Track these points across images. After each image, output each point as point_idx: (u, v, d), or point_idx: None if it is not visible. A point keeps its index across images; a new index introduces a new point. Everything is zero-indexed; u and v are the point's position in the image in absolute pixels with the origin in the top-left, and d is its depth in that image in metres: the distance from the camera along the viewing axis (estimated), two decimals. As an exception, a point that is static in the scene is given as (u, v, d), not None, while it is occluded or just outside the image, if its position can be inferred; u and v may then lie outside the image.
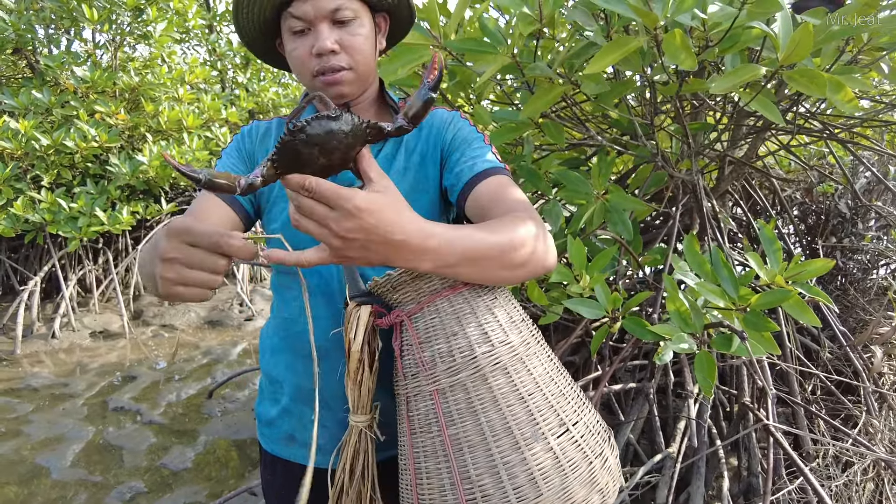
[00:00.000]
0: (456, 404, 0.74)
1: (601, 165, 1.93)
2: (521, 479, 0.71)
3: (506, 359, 0.76)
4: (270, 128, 1.00)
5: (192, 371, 3.71)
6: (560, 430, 0.76)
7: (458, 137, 0.96)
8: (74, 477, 2.50)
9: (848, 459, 2.01)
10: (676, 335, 1.53)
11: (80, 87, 4.57)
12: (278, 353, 1.00)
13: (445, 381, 0.75)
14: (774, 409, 1.91)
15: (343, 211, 0.57)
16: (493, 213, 0.84)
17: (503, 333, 0.78)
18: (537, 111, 1.57)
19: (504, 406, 0.74)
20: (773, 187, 2.90)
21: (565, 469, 0.73)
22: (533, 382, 0.77)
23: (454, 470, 0.74)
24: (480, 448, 0.73)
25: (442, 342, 0.76)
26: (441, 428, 0.75)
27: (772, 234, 1.66)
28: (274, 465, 1.03)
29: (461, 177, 0.91)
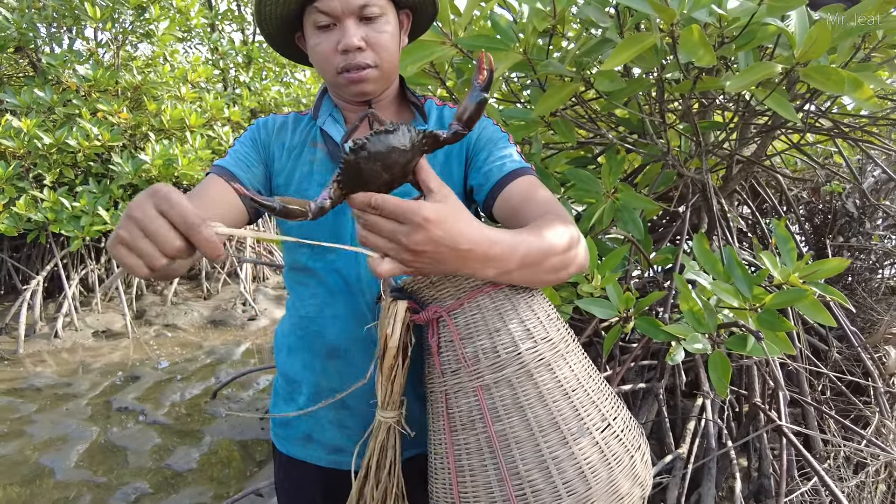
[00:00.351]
0: (502, 400, 0.74)
1: (611, 164, 1.92)
2: (571, 474, 0.72)
3: (548, 355, 0.76)
4: (287, 122, 0.99)
5: (196, 371, 3.70)
6: (602, 424, 0.76)
7: (484, 137, 0.95)
8: (79, 478, 2.49)
9: (859, 461, 1.99)
10: (690, 335, 1.52)
11: (82, 85, 4.56)
12: (295, 353, 0.99)
13: (490, 378, 0.74)
14: (786, 410, 1.89)
15: (412, 224, 0.57)
16: (524, 213, 0.84)
17: (544, 330, 0.78)
18: (550, 109, 1.55)
19: (550, 402, 0.74)
20: (780, 186, 2.88)
21: (611, 463, 0.74)
22: (574, 378, 0.77)
23: (502, 466, 0.73)
24: (528, 444, 0.73)
25: (485, 338, 0.75)
26: (487, 424, 0.74)
27: (785, 232, 1.65)
28: (289, 466, 1.01)
29: (490, 177, 0.90)
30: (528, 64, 1.60)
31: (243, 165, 0.93)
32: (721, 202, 2.28)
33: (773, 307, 1.48)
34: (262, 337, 4.40)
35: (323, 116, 0.96)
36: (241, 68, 6.22)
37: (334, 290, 0.93)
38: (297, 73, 6.77)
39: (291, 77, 6.72)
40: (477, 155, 0.94)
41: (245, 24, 7.14)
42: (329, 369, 0.94)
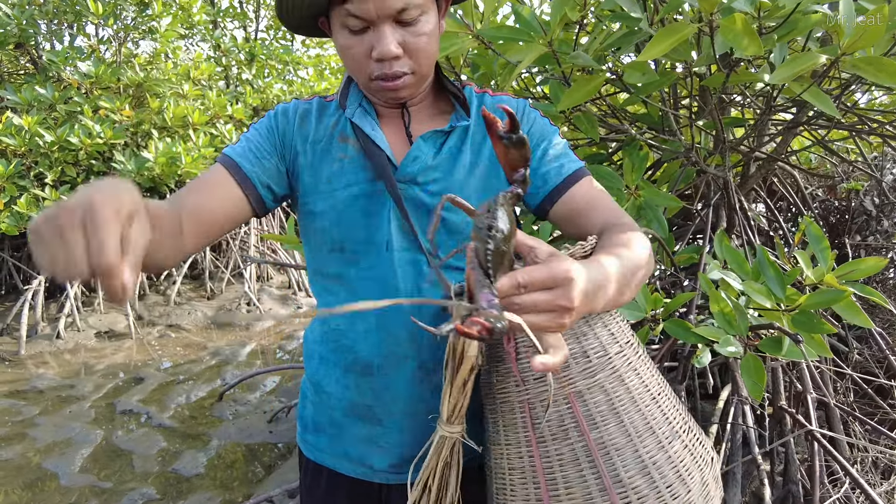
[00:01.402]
0: (597, 406, 0.71)
1: (633, 160, 1.86)
2: (671, 477, 0.70)
3: (634, 359, 0.74)
4: (310, 110, 0.91)
5: (201, 372, 3.64)
6: (686, 426, 0.76)
7: (535, 133, 0.89)
8: (83, 483, 2.43)
9: (886, 466, 1.94)
10: (723, 338, 1.46)
11: (83, 82, 4.50)
12: (327, 365, 0.93)
13: (583, 384, 0.71)
14: (815, 414, 1.84)
15: (567, 283, 0.54)
16: (593, 219, 0.81)
17: (624, 335, 0.76)
18: (576, 102, 1.50)
19: (642, 406, 0.72)
20: (798, 185, 2.83)
21: (700, 464, 0.74)
22: (656, 382, 0.76)
23: (604, 475, 0.70)
24: (628, 450, 0.70)
25: (573, 342, 0.72)
26: (583, 432, 0.70)
27: (819, 231, 1.59)
28: (316, 472, 0.96)
29: (548, 179, 0.86)
30: (552, 57, 1.55)
31: (252, 157, 0.86)
32: (741, 200, 2.23)
33: (809, 308, 1.43)
34: (268, 338, 4.35)
35: (352, 107, 0.88)
36: (243, 66, 6.16)
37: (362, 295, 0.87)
38: (301, 70, 6.72)
39: (294, 75, 6.66)
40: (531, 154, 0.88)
41: (247, 21, 7.08)
42: (363, 386, 0.89)
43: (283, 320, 4.74)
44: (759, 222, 2.46)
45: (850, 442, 1.97)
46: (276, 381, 3.44)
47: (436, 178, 0.86)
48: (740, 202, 2.21)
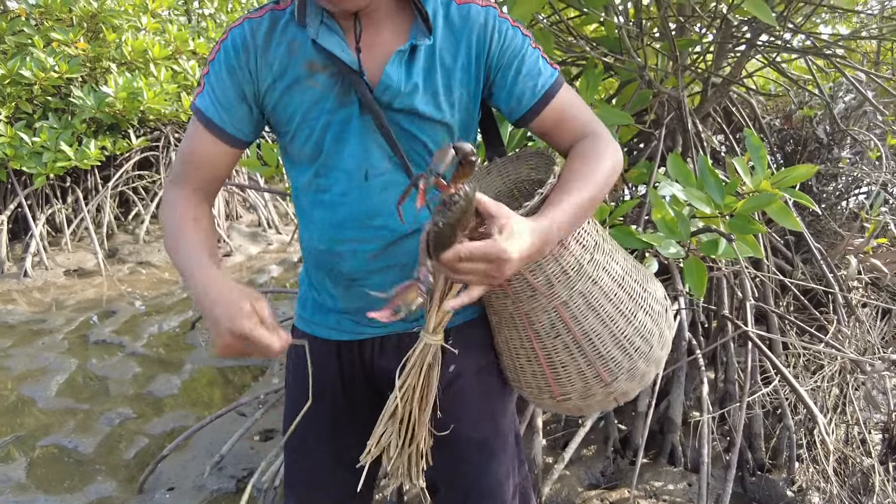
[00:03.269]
0: (578, 308, 0.89)
1: (589, 79, 1.90)
2: (638, 342, 0.92)
3: (601, 259, 0.90)
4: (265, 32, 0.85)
5: (173, 305, 3.68)
6: (645, 294, 0.94)
7: (508, 49, 0.86)
8: (61, 406, 2.50)
9: (816, 367, 2.11)
10: (664, 241, 1.55)
11: (32, 12, 4.29)
12: (319, 274, 1.00)
13: (566, 295, 0.88)
14: (753, 319, 1.98)
15: (499, 261, 0.69)
16: (563, 136, 0.90)
17: (591, 238, 0.90)
18: (528, 12, 1.52)
19: (612, 296, 0.90)
20: (754, 113, 2.91)
21: (658, 321, 0.95)
22: (619, 268, 0.93)
23: (588, 354, 0.91)
24: (605, 333, 0.90)
25: (553, 265, 0.86)
26: (569, 329, 0.90)
27: (758, 141, 1.67)
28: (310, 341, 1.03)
29: (522, 100, 0.87)
30: (506, -34, 1.56)
31: (223, 111, 0.86)
32: (696, 123, 2.30)
33: (744, 212, 1.52)
34: (239, 273, 4.38)
35: (314, 25, 0.82)
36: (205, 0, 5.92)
37: (344, 222, 0.91)
38: (264, 4, 6.47)
39: (258, 8, 6.41)
40: (502, 71, 0.87)
41: (206, -50, 6.73)
42: (351, 292, 0.95)
43: (253, 256, 4.76)
44: (712, 143, 2.54)
45: (785, 342, 2.12)
46: (248, 312, 3.50)
47: (412, 104, 0.86)
48: (695, 125, 2.28)
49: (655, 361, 0.95)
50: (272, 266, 4.46)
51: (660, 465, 1.97)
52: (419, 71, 0.85)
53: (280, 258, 4.67)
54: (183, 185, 0.91)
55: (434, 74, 0.86)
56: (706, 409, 1.88)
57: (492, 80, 0.88)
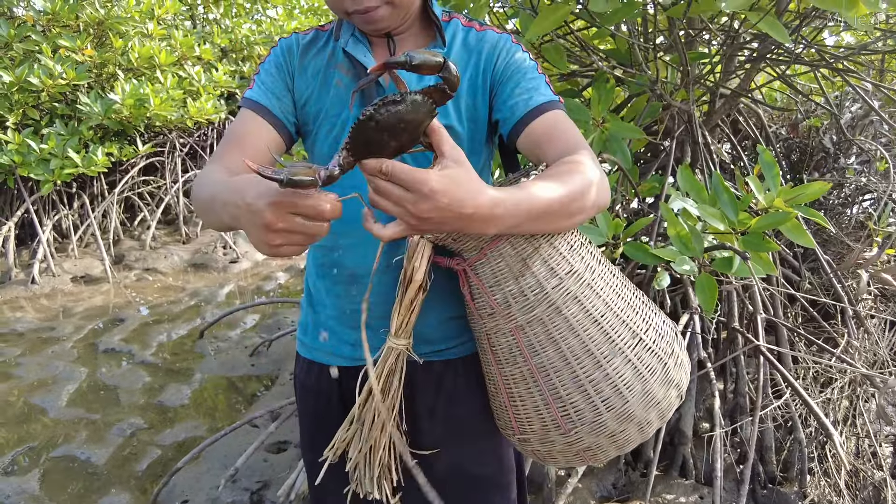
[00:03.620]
0: (536, 337, 0.80)
1: (600, 93, 1.91)
2: (608, 392, 0.80)
3: (574, 288, 0.80)
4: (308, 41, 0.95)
5: (181, 312, 3.69)
6: (633, 341, 0.82)
7: (512, 66, 0.91)
8: (72, 416, 2.51)
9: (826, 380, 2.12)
10: (679, 258, 1.56)
11: (40, 19, 4.31)
12: (320, 278, 1.01)
13: (522, 319, 0.80)
14: (763, 332, 1.99)
15: (419, 194, 0.60)
16: (548, 151, 0.85)
17: (567, 264, 0.81)
18: (543, 31, 1.53)
19: (581, 331, 0.80)
20: (761, 122, 2.92)
21: (644, 375, 0.81)
22: (602, 304, 0.82)
23: (545, 392, 0.82)
24: (565, 371, 0.80)
25: (511, 284, 0.80)
26: (526, 359, 0.81)
27: (771, 158, 1.68)
28: (310, 367, 1.05)
29: (515, 111, 0.89)
30: (521, -15, 1.57)
31: (274, 98, 0.92)
32: (705, 135, 2.31)
33: (758, 229, 1.53)
34: (245, 279, 4.39)
35: (345, 37, 0.92)
36: (210, 5, 5.93)
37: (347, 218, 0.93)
38: (269, 10, 6.49)
39: (263, 14, 6.43)
40: (503, 85, 0.91)
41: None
42: (351, 293, 0.97)
43: (259, 263, 4.77)
44: (722, 156, 2.55)
45: (795, 356, 2.13)
46: (256, 319, 3.51)
47: None
48: (704, 137, 2.29)
49: (635, 422, 0.81)
50: (279, 273, 4.47)
51: (671, 478, 1.98)
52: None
53: (287, 265, 4.68)
54: (220, 162, 0.89)
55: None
56: (718, 422, 1.89)
57: (494, 92, 0.93)
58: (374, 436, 0.88)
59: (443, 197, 0.61)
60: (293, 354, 3.07)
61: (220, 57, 5.63)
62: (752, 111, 2.88)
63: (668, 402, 0.83)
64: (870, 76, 2.89)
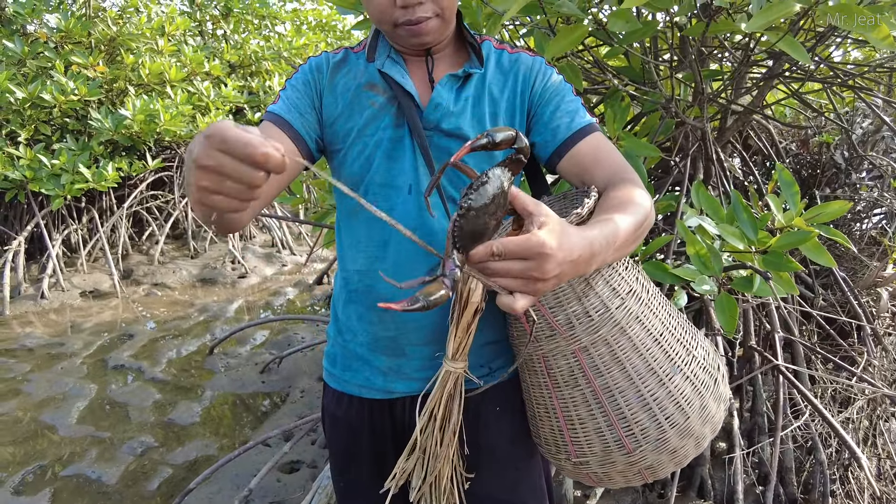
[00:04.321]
0: (601, 358, 0.80)
1: (615, 111, 1.92)
2: (671, 409, 0.81)
3: (636, 308, 0.81)
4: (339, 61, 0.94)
5: (190, 328, 3.68)
6: (688, 358, 0.84)
7: (550, 88, 0.92)
8: (82, 433, 2.49)
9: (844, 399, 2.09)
10: (699, 278, 1.55)
11: (53, 36, 4.35)
12: (350, 305, 0.99)
13: (587, 340, 0.80)
14: (783, 353, 1.97)
15: (541, 258, 0.60)
16: (595, 174, 0.85)
17: (627, 285, 0.82)
18: (561, 51, 1.53)
19: (644, 350, 0.81)
20: (772, 138, 2.92)
21: (701, 391, 0.83)
22: (659, 322, 0.83)
23: (609, 414, 0.82)
24: (630, 391, 0.81)
25: (575, 304, 0.80)
26: (589, 380, 0.81)
27: (790, 176, 1.67)
28: (340, 398, 1.03)
29: (557, 133, 0.89)
30: (538, 5, 1.57)
31: (297, 114, 0.90)
32: (718, 152, 2.31)
33: (779, 248, 1.52)
34: (254, 294, 4.39)
35: (381, 58, 0.92)
36: (219, 21, 5.99)
37: (383, 243, 0.92)
38: (278, 25, 6.55)
39: (272, 30, 6.49)
40: (542, 108, 0.91)
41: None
42: (385, 319, 0.94)
43: (268, 278, 4.77)
44: (735, 173, 2.54)
45: (813, 376, 2.11)
46: (266, 335, 3.50)
47: (459, 126, 0.90)
48: (717, 154, 2.29)
49: (694, 437, 0.82)
50: (288, 288, 4.47)
51: (689, 499, 1.95)
52: (468, 97, 0.92)
53: (295, 280, 4.67)
54: None
55: (482, 102, 0.92)
56: (738, 442, 1.86)
57: (532, 114, 0.93)
58: (437, 466, 0.86)
59: (559, 251, 0.61)
60: (304, 371, 3.05)
61: (229, 72, 5.68)
62: (763, 127, 2.88)
63: (720, 417, 0.85)
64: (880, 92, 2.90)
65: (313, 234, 5.50)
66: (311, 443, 2.29)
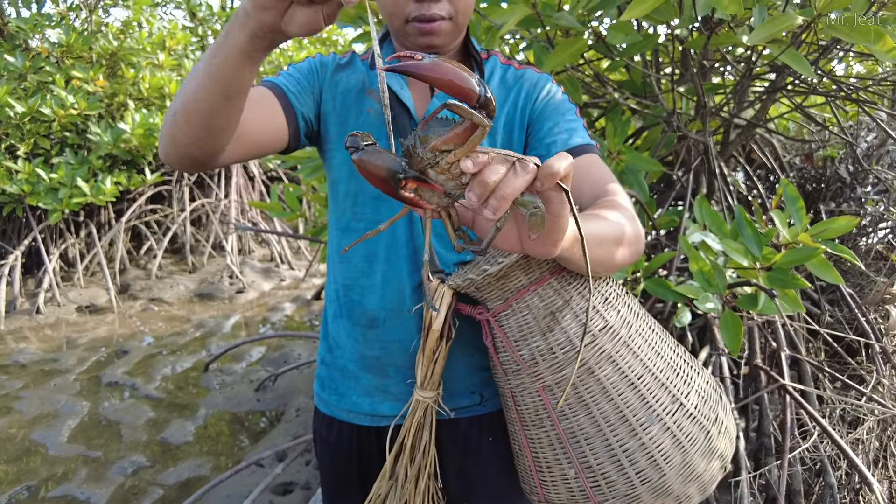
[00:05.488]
0: (565, 399, 0.74)
1: (616, 125, 1.89)
2: (643, 463, 0.72)
3: (609, 347, 0.74)
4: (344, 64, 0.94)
5: (186, 344, 3.63)
6: (673, 406, 0.75)
7: (551, 105, 0.90)
8: (72, 452, 2.44)
9: (853, 419, 2.03)
10: (702, 295, 1.51)
11: (54, 51, 4.36)
12: (338, 320, 0.97)
13: (551, 379, 0.74)
14: (789, 372, 1.91)
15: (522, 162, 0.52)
16: (582, 190, 0.81)
17: (601, 319, 0.74)
18: (560, 64, 1.51)
19: (615, 395, 0.73)
20: (776, 153, 2.89)
21: (684, 445, 0.73)
22: (640, 364, 0.75)
23: (574, 460, 0.74)
24: (597, 439, 0.73)
25: (539, 339, 0.74)
26: (554, 423, 0.74)
27: (795, 191, 1.64)
28: (330, 424, 1.01)
29: (552, 149, 0.86)
30: (536, 18, 1.55)
31: (295, 89, 0.88)
32: (721, 165, 2.27)
33: (784, 265, 1.48)
34: (252, 310, 4.34)
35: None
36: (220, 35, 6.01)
37: (371, 257, 0.90)
38: (279, 40, 6.57)
39: (272, 45, 6.51)
40: (541, 123, 0.89)
41: (222, -12, 6.87)
42: (370, 338, 0.92)
43: (266, 293, 4.73)
44: (738, 187, 2.51)
45: (821, 395, 2.05)
46: (262, 352, 3.45)
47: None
48: (720, 168, 2.25)
49: (672, 496, 0.73)
50: (286, 303, 4.42)
51: (694, 524, 1.89)
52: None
53: (293, 294, 4.63)
54: None
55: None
56: (744, 465, 1.80)
57: (531, 129, 0.91)
58: (408, 491, 0.83)
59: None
60: (299, 389, 3.00)
61: (230, 87, 5.67)
62: (767, 141, 2.85)
63: (711, 475, 0.75)
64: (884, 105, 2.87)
65: (312, 248, 5.47)
66: (306, 464, 2.23)
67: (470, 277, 0.76)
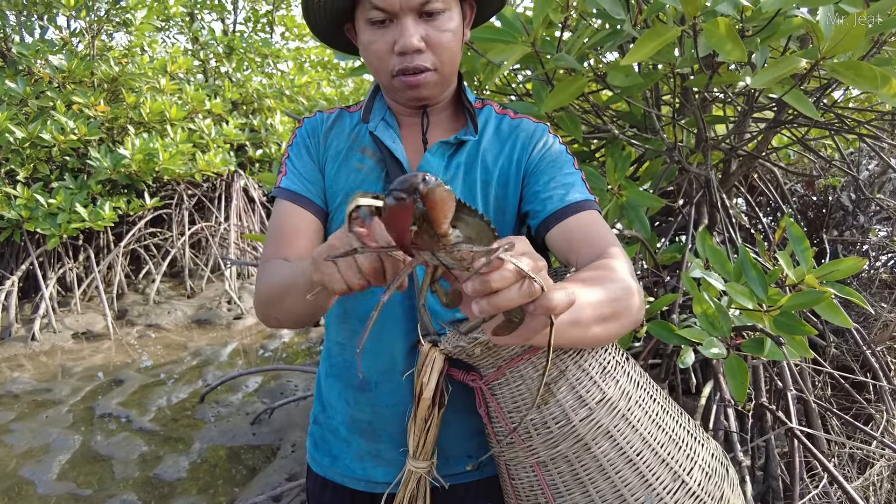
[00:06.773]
0: (561, 476, 0.70)
1: (616, 160, 1.86)
2: None
3: (606, 421, 0.70)
4: (334, 122, 0.93)
5: (182, 373, 3.58)
6: (675, 484, 0.71)
7: (548, 158, 0.88)
8: (62, 490, 2.38)
9: (862, 459, 1.98)
10: (706, 340, 1.47)
11: (56, 76, 4.38)
12: (331, 379, 0.95)
13: (545, 454, 0.71)
14: (796, 412, 1.87)
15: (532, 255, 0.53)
16: (581, 252, 0.78)
17: (598, 391, 0.71)
18: (560, 104, 1.49)
19: (612, 473, 0.69)
20: (777, 181, 2.87)
21: None
22: (639, 439, 0.71)
23: None
24: None
25: (534, 412, 0.71)
26: (548, 500, 0.71)
27: (800, 232, 1.61)
28: (324, 486, 0.98)
29: (548, 204, 0.83)
30: (535, 57, 1.53)
31: (309, 185, 0.89)
32: (723, 197, 2.25)
33: (790, 309, 1.44)
34: (249, 336, 4.30)
35: (375, 120, 0.89)
36: (221, 59, 6.05)
37: (364, 318, 0.88)
38: (280, 63, 6.62)
39: (274, 68, 6.55)
40: (537, 176, 0.87)
41: (225, 13, 6.95)
42: (361, 402, 0.90)
43: (265, 318, 4.68)
44: (741, 219, 2.48)
45: (831, 439, 2.00)
46: (259, 382, 3.40)
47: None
48: (722, 200, 2.23)
49: None
50: (284, 330, 4.38)
51: (701, 571, 1.83)
52: (461, 164, 0.88)
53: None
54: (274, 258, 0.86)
55: (474, 169, 0.88)
56: (751, 510, 1.75)
57: (526, 183, 0.88)
58: None
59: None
60: (295, 423, 2.94)
61: (231, 110, 5.70)
62: (768, 169, 2.83)
63: None
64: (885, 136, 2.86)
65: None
66: (301, 505, 2.17)
67: (461, 345, 0.72)
